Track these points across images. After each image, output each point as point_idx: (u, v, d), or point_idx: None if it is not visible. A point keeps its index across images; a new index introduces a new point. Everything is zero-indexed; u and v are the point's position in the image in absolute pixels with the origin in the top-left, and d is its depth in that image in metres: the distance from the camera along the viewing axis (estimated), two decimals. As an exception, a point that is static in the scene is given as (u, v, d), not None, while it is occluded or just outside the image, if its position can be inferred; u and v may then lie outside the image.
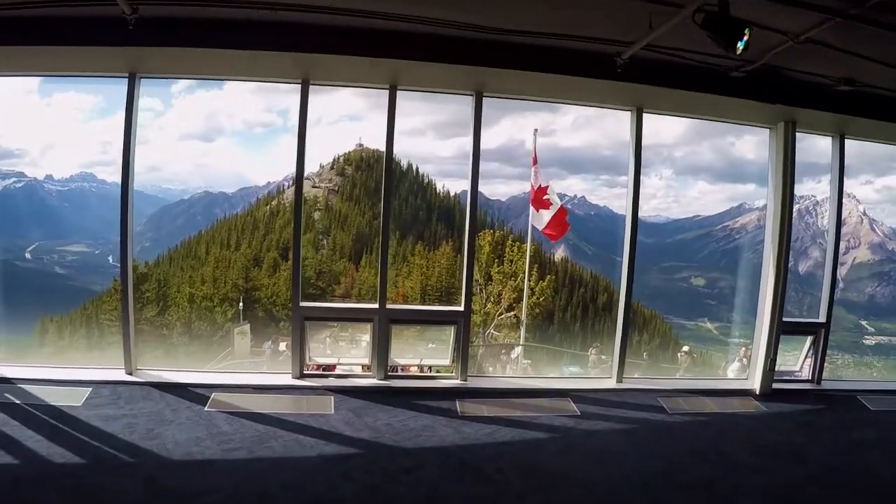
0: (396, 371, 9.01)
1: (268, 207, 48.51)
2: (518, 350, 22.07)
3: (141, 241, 50.79)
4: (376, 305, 6.81)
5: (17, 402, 5.63)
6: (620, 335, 7.31)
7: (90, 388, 5.99)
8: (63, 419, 5.35)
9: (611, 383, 7.30)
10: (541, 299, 30.95)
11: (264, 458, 4.88)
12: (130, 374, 6.38)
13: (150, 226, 52.69)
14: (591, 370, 13.80)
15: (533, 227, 18.41)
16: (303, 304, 6.73)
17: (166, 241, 46.56)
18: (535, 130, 21.46)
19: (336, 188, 46.94)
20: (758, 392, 7.29)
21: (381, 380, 6.82)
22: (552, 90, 6.91)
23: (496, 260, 32.53)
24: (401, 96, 6.52)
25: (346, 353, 9.99)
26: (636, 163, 7.12)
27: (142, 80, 6.30)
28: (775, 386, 7.35)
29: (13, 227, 42.61)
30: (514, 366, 20.51)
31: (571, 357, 30.20)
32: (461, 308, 6.96)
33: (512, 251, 31.83)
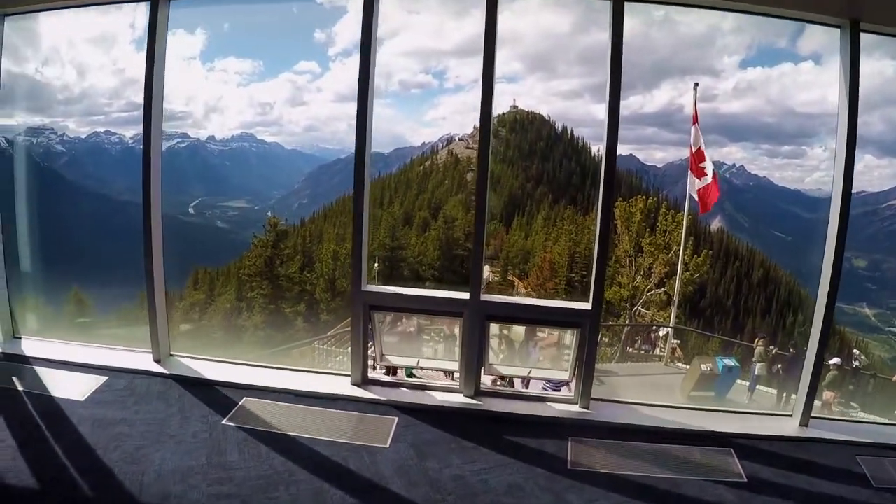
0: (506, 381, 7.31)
1: (421, 168, 49.04)
2: (667, 330, 20.10)
3: (298, 198, 54.11)
4: (467, 296, 4.85)
5: (20, 388, 4.64)
6: (814, 361, 4.67)
7: (105, 378, 4.86)
8: (51, 419, 4.22)
9: (792, 427, 4.74)
10: (695, 276, 27.53)
11: (257, 523, 3.29)
12: (158, 361, 5.16)
13: (307, 183, 55.86)
14: (755, 365, 11.38)
15: (690, 196, 16.15)
16: (368, 288, 4.96)
17: (323, 198, 48.90)
18: (696, 85, 18.81)
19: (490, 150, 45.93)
20: None
21: (469, 397, 4.95)
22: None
23: (648, 230, 29.43)
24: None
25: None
26: (850, 111, 4.32)
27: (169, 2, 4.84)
28: None
29: (177, 185, 46.99)
30: (662, 344, 19.26)
31: (723, 345, 26.61)
32: (588, 306, 4.76)
33: (665, 220, 28.60)
